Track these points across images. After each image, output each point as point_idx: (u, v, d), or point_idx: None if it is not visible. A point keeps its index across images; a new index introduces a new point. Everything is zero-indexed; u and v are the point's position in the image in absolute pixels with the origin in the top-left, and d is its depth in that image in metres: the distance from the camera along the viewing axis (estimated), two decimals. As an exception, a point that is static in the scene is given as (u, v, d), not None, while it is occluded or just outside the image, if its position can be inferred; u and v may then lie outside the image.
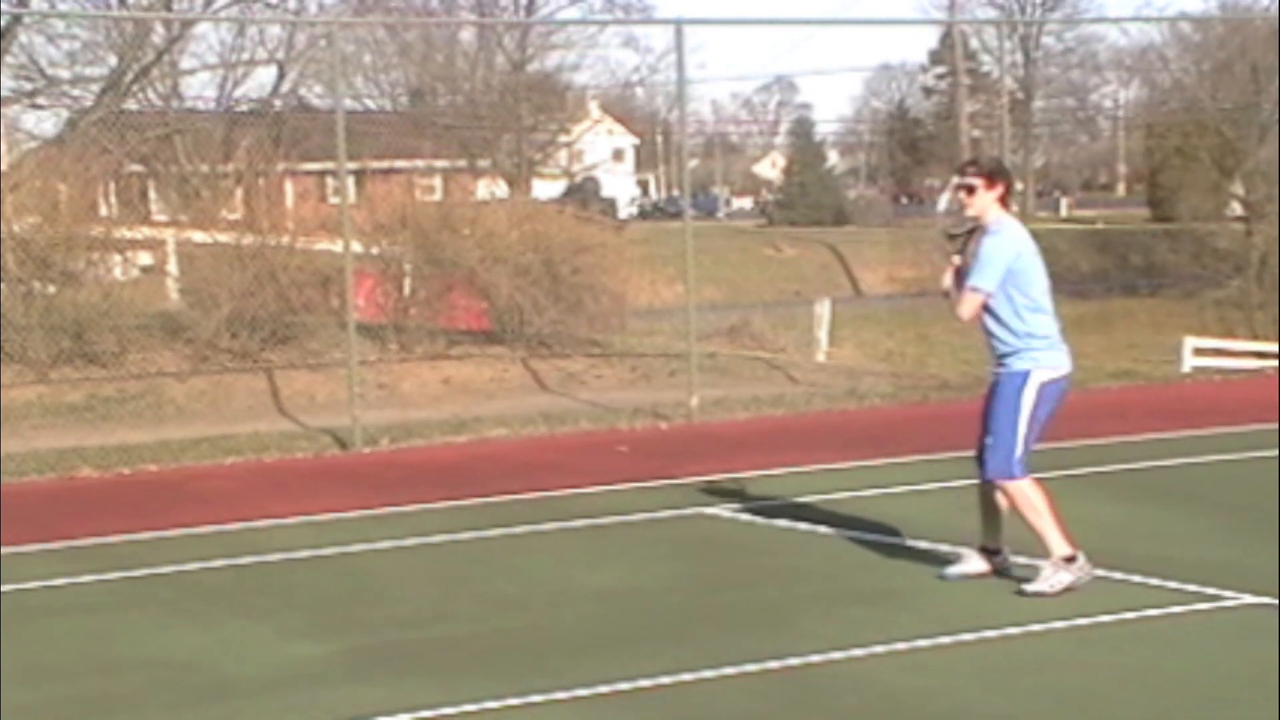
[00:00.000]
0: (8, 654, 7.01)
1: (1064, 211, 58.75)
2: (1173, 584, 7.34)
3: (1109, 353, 19.62)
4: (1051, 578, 7.23)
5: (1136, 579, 7.48)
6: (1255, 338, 20.72)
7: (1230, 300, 23.20)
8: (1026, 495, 7.30)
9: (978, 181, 7.33)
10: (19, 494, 11.38)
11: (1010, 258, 7.27)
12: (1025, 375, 7.27)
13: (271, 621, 7.44)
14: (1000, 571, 7.52)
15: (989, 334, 7.39)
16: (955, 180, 7.49)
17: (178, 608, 7.84)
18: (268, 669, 6.61)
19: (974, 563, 7.58)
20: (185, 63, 26.26)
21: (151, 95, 25.31)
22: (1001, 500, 7.43)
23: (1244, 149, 28.44)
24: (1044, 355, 7.32)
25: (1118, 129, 61.97)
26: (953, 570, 7.60)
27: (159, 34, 24.56)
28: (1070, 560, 7.26)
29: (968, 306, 7.34)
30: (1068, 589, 7.18)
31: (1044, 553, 7.32)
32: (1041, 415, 7.32)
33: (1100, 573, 7.57)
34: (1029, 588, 7.24)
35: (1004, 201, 7.38)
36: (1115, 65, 51.29)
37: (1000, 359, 7.36)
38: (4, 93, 24.32)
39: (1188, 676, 6.08)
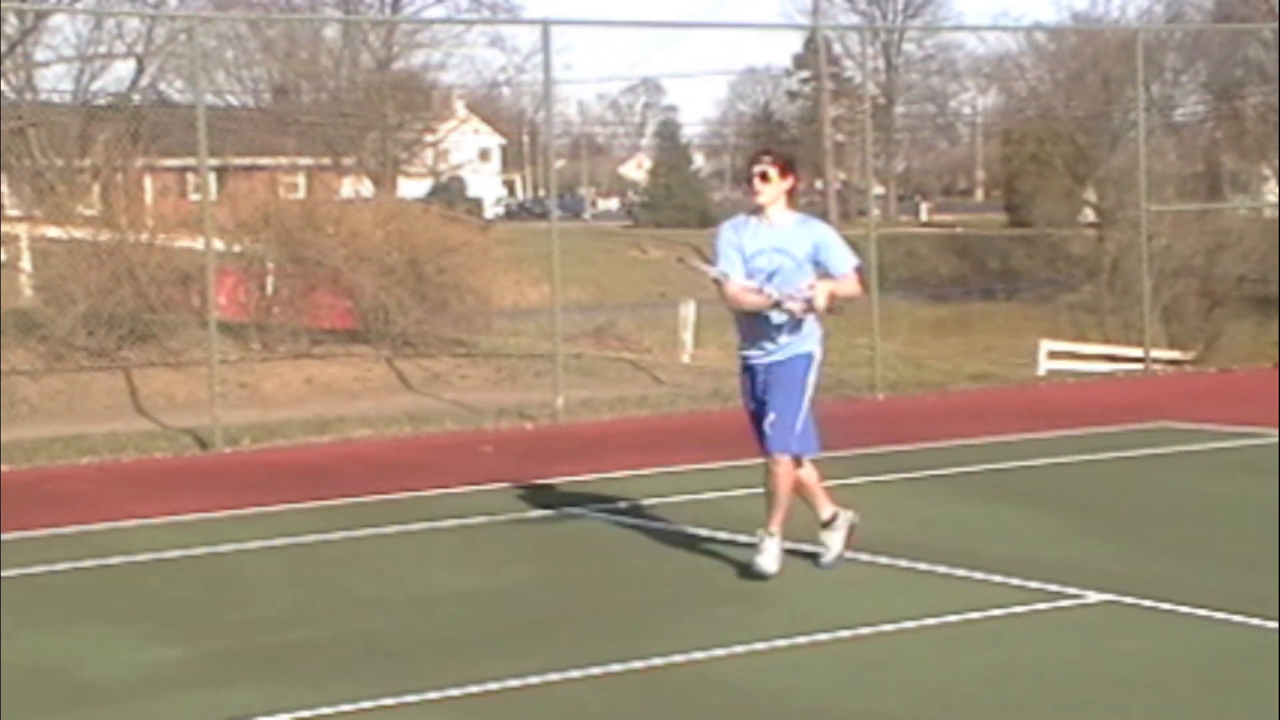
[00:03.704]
0: None
1: (924, 216, 59.71)
2: (1027, 582, 7.49)
3: (967, 355, 20.00)
4: (837, 544, 7.77)
5: (992, 578, 7.63)
6: (1107, 341, 21.21)
7: (1083, 304, 23.70)
8: (796, 471, 7.61)
9: (773, 169, 7.43)
10: None
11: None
12: (810, 357, 7.53)
13: (129, 625, 7.32)
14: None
15: (777, 316, 7.41)
16: (753, 168, 7.50)
17: (30, 611, 7.67)
18: (124, 673, 6.50)
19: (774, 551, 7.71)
20: (40, 54, 25.68)
21: (4, 87, 24.71)
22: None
23: (1096, 157, 29.11)
24: (819, 336, 7.60)
25: (976, 135, 63.12)
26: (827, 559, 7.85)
27: (12, 25, 23.99)
28: (834, 519, 7.81)
29: (854, 285, 7.60)
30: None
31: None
32: (813, 395, 7.61)
33: (958, 572, 7.73)
34: (826, 561, 7.75)
35: (791, 196, 7.51)
36: (974, 73, 52.25)
37: (783, 341, 7.46)
38: None
39: (1041, 674, 6.22)
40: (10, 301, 17.57)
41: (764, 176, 7.41)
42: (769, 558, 7.59)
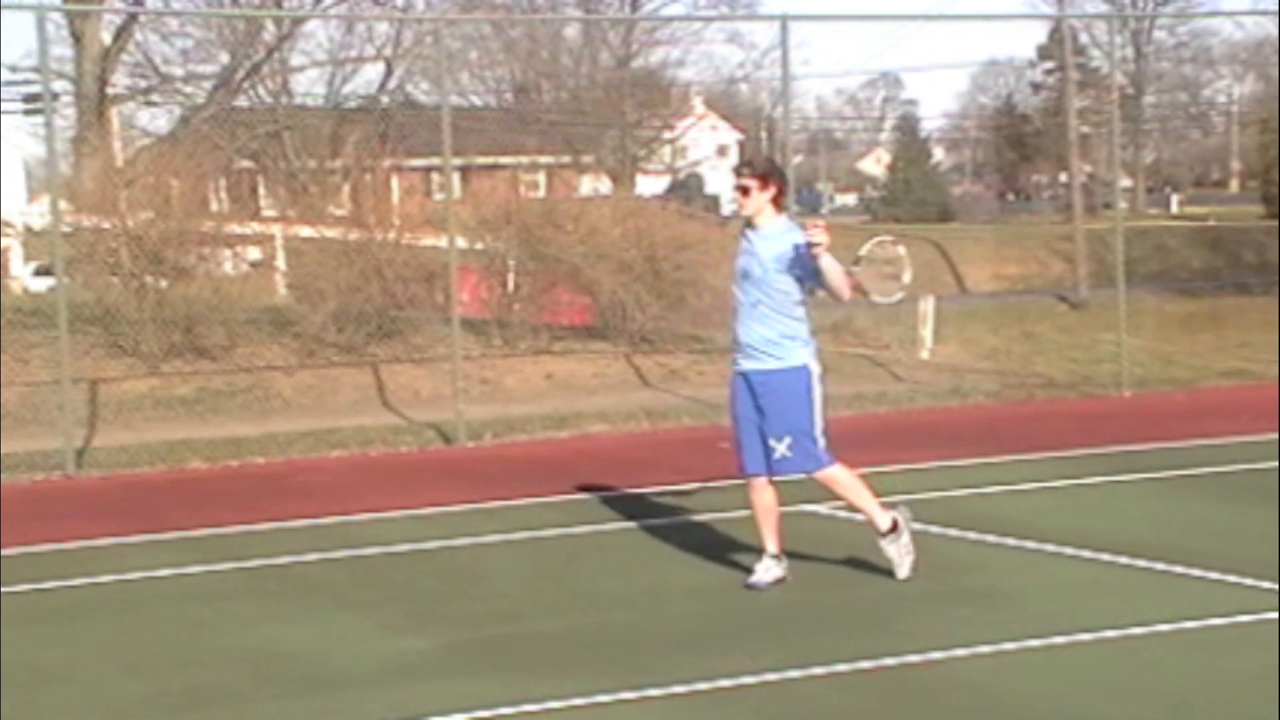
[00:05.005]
0: (119, 643, 7.16)
1: (1175, 208, 57.86)
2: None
3: (1220, 351, 19.27)
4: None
5: (1247, 581, 7.35)
6: (1373, 337, 20.22)
7: (1347, 299, 22.65)
8: (847, 478, 7.62)
9: (752, 183, 7.45)
10: (130, 485, 11.62)
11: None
12: (807, 369, 7.51)
13: (375, 614, 7.52)
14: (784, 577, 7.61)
15: (771, 325, 7.44)
16: (734, 181, 7.55)
17: (283, 600, 7.95)
18: (372, 662, 6.68)
19: (775, 569, 7.63)
20: (295, 60, 26.68)
21: (262, 92, 25.74)
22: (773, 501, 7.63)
23: (1363, 144, 27.83)
24: (813, 349, 7.60)
25: (1231, 124, 60.91)
26: (760, 579, 7.60)
27: (270, 32, 24.95)
28: (893, 529, 7.56)
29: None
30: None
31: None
32: (820, 404, 7.55)
33: (1210, 575, 7.45)
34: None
35: (777, 203, 7.51)
36: (1229, 59, 50.50)
37: (772, 353, 7.47)
38: (120, 90, 24.84)
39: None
40: (266, 299, 18.23)
41: (744, 190, 7.48)
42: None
